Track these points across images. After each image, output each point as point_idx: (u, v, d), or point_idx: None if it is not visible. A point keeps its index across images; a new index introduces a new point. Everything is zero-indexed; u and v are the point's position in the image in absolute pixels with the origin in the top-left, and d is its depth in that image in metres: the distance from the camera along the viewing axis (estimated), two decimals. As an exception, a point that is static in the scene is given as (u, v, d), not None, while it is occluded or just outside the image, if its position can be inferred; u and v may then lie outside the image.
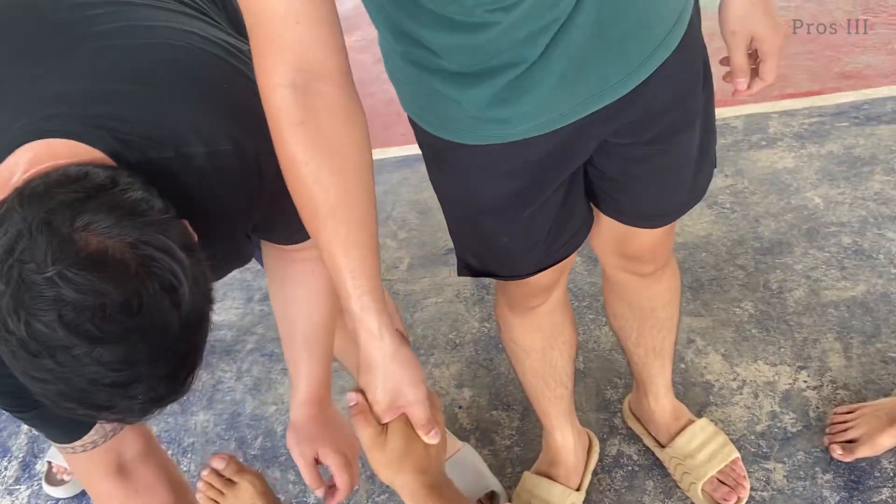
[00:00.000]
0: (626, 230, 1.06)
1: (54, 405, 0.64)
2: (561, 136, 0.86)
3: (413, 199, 2.18)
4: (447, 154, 0.92)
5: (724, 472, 1.31)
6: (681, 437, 1.35)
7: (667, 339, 1.29)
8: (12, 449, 1.78)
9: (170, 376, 0.66)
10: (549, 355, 1.26)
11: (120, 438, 0.92)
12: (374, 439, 0.78)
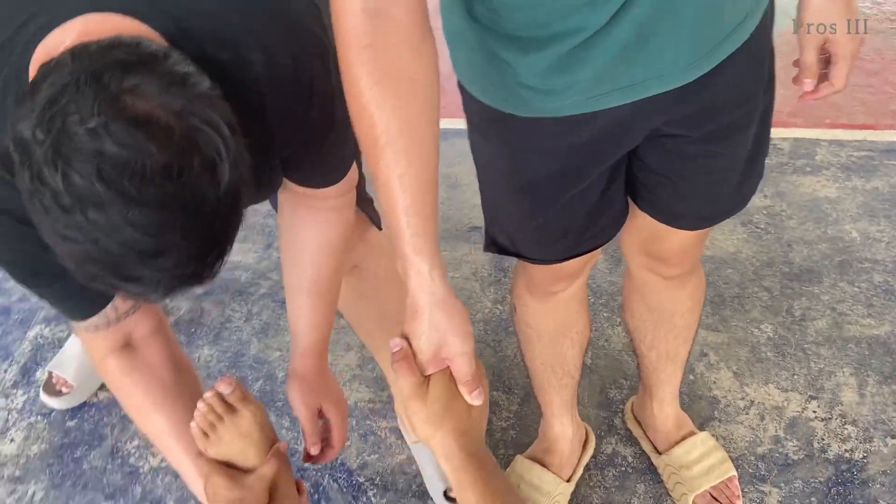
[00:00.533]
0: (658, 229, 1.03)
1: (79, 269, 0.62)
2: (613, 119, 0.83)
3: (443, 172, 2.13)
4: (496, 124, 0.89)
5: (719, 488, 1.29)
6: (680, 447, 1.33)
7: (681, 346, 1.27)
8: (15, 354, 1.79)
9: (199, 255, 0.64)
10: (561, 343, 1.24)
11: (132, 319, 0.92)
12: (415, 389, 0.75)
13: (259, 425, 0.92)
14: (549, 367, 1.26)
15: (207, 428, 0.90)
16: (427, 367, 0.76)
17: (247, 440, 0.91)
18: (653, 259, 1.10)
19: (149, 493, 1.46)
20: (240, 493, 0.88)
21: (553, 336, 1.22)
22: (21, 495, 1.49)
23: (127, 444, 1.55)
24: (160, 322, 0.97)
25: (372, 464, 1.46)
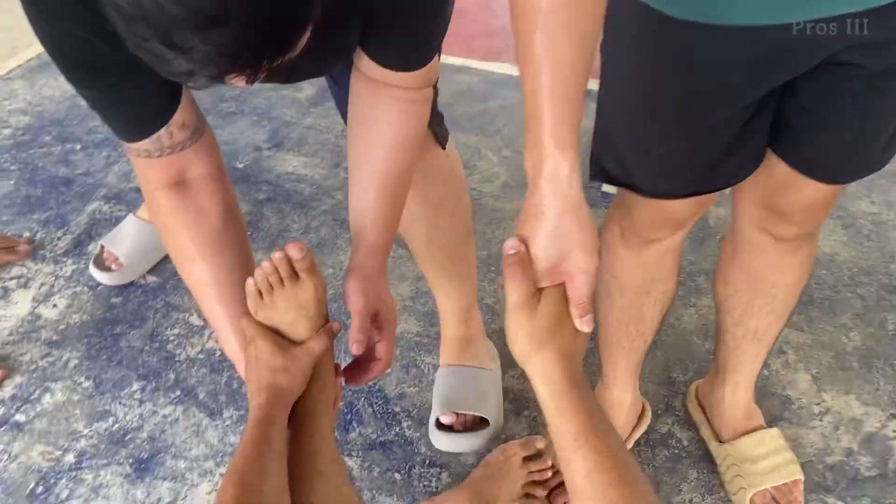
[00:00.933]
0: (787, 179, 0.92)
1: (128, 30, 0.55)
2: (788, 36, 0.72)
3: (529, 123, 2.06)
4: (647, 30, 0.78)
5: (781, 489, 1.18)
6: (747, 439, 1.22)
7: (772, 325, 1.14)
8: (71, 224, 1.77)
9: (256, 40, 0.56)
10: (643, 301, 1.14)
11: (189, 156, 0.85)
12: (525, 300, 0.67)
13: (318, 301, 0.84)
14: (623, 325, 1.17)
15: (265, 289, 0.83)
16: (541, 278, 0.68)
17: (301, 312, 0.84)
18: (771, 214, 0.98)
19: (181, 381, 1.42)
20: (283, 363, 0.81)
21: (637, 292, 1.12)
22: (55, 360, 1.46)
23: (167, 331, 1.52)
24: (218, 166, 0.90)
25: (410, 395, 1.39)
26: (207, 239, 0.88)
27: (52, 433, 1.34)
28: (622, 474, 0.63)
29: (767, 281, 1.08)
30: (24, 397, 1.40)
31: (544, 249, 0.67)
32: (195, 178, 0.88)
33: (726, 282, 1.14)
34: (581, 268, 0.67)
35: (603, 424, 0.67)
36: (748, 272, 1.09)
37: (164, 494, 1.25)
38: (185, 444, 1.32)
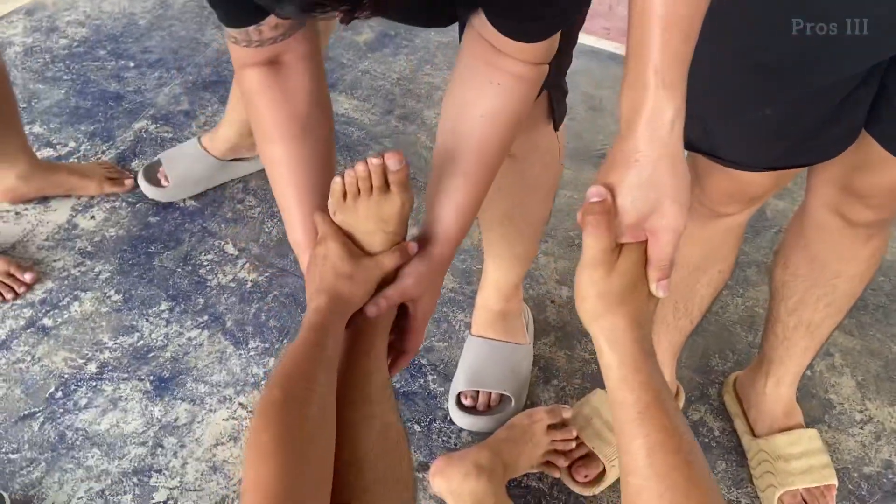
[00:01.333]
0: (874, 157, 0.85)
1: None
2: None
3: (589, 93, 1.99)
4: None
5: (813, 492, 1.13)
6: (784, 436, 1.17)
7: (828, 320, 1.08)
8: (117, 139, 1.76)
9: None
10: (697, 279, 1.09)
11: (281, 45, 0.81)
12: (605, 255, 0.62)
13: (401, 217, 0.79)
14: (672, 301, 1.12)
15: (351, 193, 0.77)
16: (624, 233, 0.62)
17: (381, 225, 0.79)
18: (849, 195, 0.92)
19: (210, 306, 1.40)
20: (350, 269, 0.76)
21: (693, 268, 1.07)
22: (87, 270, 1.46)
23: (201, 256, 1.50)
24: (314, 51, 0.85)
25: (438, 350, 1.36)
26: (291, 122, 0.83)
27: (77, 341, 1.33)
28: (688, 458, 0.58)
29: (831, 269, 1.02)
30: (54, 303, 1.39)
31: (633, 201, 0.61)
32: (288, 59, 0.83)
33: (786, 266, 1.08)
34: (670, 224, 0.61)
35: (671, 402, 0.61)
36: (812, 258, 1.03)
37: (181, 415, 1.24)
38: (208, 369, 1.30)
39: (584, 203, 0.63)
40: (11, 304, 1.38)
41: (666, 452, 0.58)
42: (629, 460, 0.60)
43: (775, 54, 0.76)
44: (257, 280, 1.46)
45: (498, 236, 1.21)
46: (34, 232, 1.52)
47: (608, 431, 1.18)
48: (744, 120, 0.83)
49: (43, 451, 1.18)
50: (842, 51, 0.73)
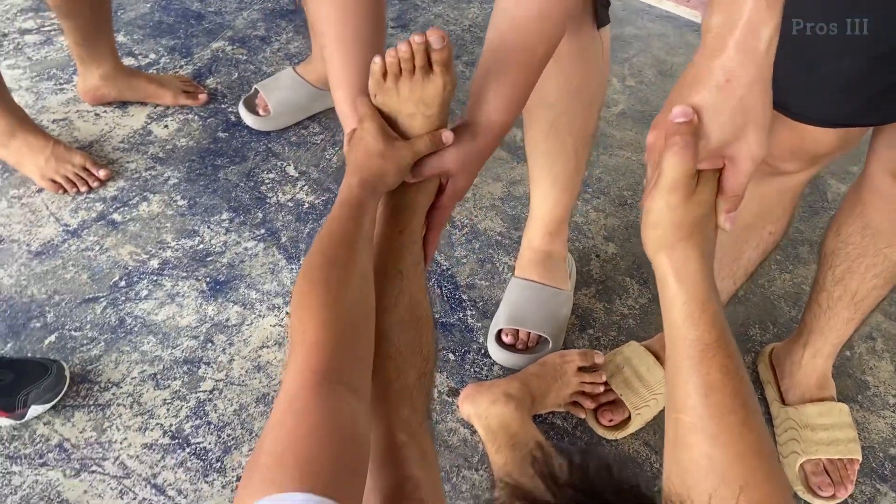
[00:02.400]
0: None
1: None
2: None
3: (660, 57, 1.97)
4: None
5: (836, 464, 1.14)
6: (814, 406, 1.18)
7: (874, 292, 1.07)
8: (194, 56, 1.82)
9: None
10: (747, 238, 1.09)
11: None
12: (686, 180, 0.58)
13: (442, 100, 0.77)
14: (718, 259, 1.11)
15: (392, 73, 0.75)
16: (703, 158, 0.59)
17: (421, 108, 0.77)
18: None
19: (267, 221, 1.47)
20: (382, 148, 0.76)
21: (743, 227, 1.07)
22: (157, 174, 1.53)
23: (263, 174, 1.56)
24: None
25: (479, 288, 1.40)
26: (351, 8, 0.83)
27: (143, 238, 1.41)
28: (746, 402, 0.57)
29: (884, 238, 1.01)
30: (124, 200, 1.47)
31: (721, 125, 0.58)
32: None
33: (839, 233, 1.07)
34: (752, 152, 0.59)
35: (733, 344, 0.60)
36: (866, 224, 1.02)
37: (232, 316, 1.30)
38: (260, 278, 1.37)
39: (668, 122, 0.60)
40: (85, 197, 1.47)
41: (724, 394, 0.57)
42: (683, 397, 0.58)
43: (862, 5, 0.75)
44: (314, 202, 1.51)
45: (541, 156, 1.20)
46: (111, 133, 1.60)
47: (637, 381, 1.21)
48: (820, 71, 0.82)
49: (103, 332, 1.26)
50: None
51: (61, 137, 1.56)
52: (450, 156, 0.80)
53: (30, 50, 1.77)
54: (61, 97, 1.66)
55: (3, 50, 1.74)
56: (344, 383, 0.57)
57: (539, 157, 1.22)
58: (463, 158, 0.81)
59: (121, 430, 1.14)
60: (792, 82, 0.85)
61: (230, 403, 1.19)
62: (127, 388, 1.19)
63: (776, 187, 1.01)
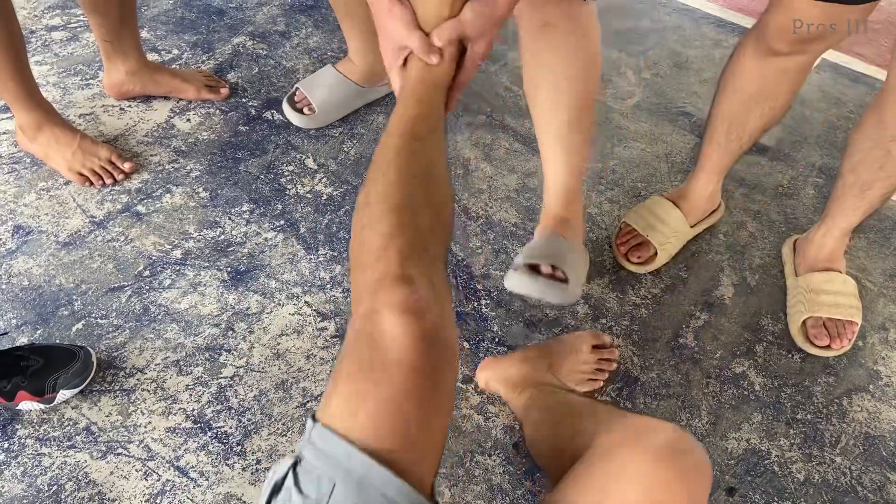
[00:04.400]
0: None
1: None
2: None
3: (677, 50, 1.98)
4: None
5: (836, 322, 1.30)
6: (820, 274, 1.35)
7: (879, 183, 1.21)
8: (216, 51, 1.86)
9: None
10: (751, 109, 1.22)
11: None
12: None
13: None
14: (727, 122, 1.27)
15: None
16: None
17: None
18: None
19: (286, 212, 1.50)
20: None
21: (747, 99, 1.21)
22: (180, 167, 1.57)
23: (283, 166, 1.59)
24: None
25: (494, 278, 1.42)
26: None
27: (166, 229, 1.45)
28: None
29: (889, 132, 1.14)
30: (148, 192, 1.51)
31: None
32: None
33: (860, 127, 1.21)
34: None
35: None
36: (878, 118, 1.16)
37: (252, 304, 1.34)
38: (280, 268, 1.40)
39: None
40: (110, 189, 1.51)
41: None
42: None
43: None
44: (332, 194, 1.54)
45: (549, 122, 1.24)
46: (135, 128, 1.64)
47: (660, 223, 1.44)
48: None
49: (128, 320, 1.30)
50: None
51: (87, 131, 1.60)
52: (467, 18, 0.83)
53: (56, 46, 1.82)
54: (87, 92, 1.71)
55: (31, 46, 1.79)
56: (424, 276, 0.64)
57: (546, 129, 1.25)
58: (481, 21, 0.84)
59: (145, 415, 1.19)
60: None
61: (250, 389, 1.22)
62: (151, 374, 1.24)
63: (774, 68, 1.14)
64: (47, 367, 1.16)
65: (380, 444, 0.58)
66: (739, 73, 1.19)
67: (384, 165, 0.72)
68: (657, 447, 0.63)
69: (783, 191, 1.62)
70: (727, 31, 2.06)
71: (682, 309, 1.38)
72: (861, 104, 1.85)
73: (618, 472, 0.64)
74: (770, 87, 1.18)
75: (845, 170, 1.26)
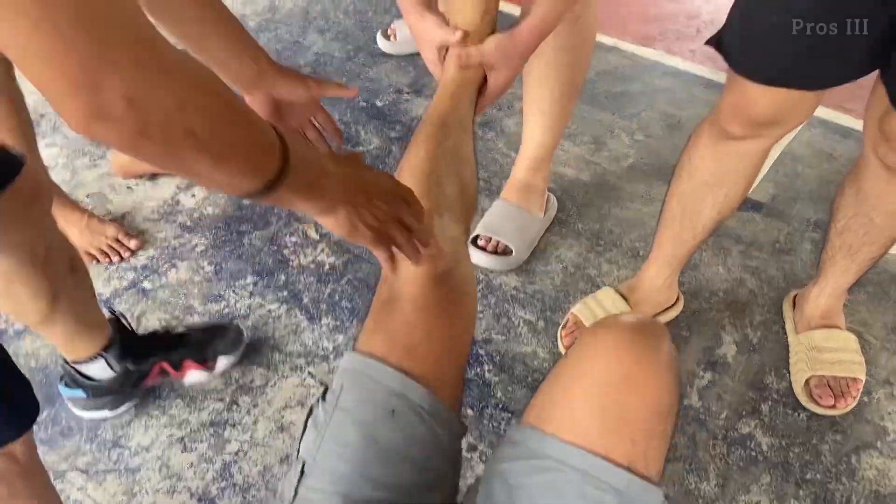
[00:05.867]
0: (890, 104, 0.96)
1: None
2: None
3: (667, 112, 2.03)
4: None
5: (839, 380, 1.29)
6: (819, 332, 1.35)
7: (866, 247, 1.22)
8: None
9: None
10: (704, 196, 1.21)
11: None
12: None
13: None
14: (680, 210, 1.25)
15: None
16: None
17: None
18: (881, 135, 1.03)
19: (290, 283, 1.52)
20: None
21: (703, 183, 1.19)
22: (185, 242, 1.60)
23: (286, 238, 1.62)
24: None
25: (497, 343, 1.43)
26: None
27: (171, 304, 1.47)
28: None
29: (869, 202, 1.15)
30: (154, 268, 1.54)
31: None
32: None
33: (843, 193, 1.22)
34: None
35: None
36: (858, 187, 1.17)
37: (256, 378, 1.35)
38: (283, 340, 1.42)
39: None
40: (117, 267, 1.54)
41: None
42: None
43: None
44: (334, 263, 1.57)
45: (534, 99, 1.47)
46: (142, 205, 1.68)
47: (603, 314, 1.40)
48: (757, 27, 0.94)
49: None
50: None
51: (96, 210, 1.65)
52: (489, 49, 0.93)
53: (66, 128, 1.88)
54: (95, 172, 1.76)
55: (41, 130, 1.85)
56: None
57: (531, 103, 1.47)
58: (502, 51, 0.94)
59: (150, 494, 1.18)
60: (738, 35, 0.98)
61: (255, 464, 1.22)
62: (156, 452, 1.24)
63: (730, 151, 1.13)
64: (207, 339, 1.31)
65: (391, 357, 0.72)
66: (695, 155, 1.18)
67: (416, 145, 0.85)
68: (627, 324, 0.67)
69: (780, 247, 1.64)
70: (716, 91, 2.11)
71: (686, 369, 1.39)
72: (852, 158, 1.88)
73: (590, 351, 0.67)
74: (725, 171, 1.15)
75: (832, 234, 1.27)
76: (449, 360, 0.76)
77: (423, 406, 0.71)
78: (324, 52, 2.21)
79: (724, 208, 1.21)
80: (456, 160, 0.86)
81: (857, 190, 1.17)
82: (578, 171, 1.83)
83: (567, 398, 0.66)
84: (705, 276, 1.57)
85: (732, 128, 1.08)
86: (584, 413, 0.64)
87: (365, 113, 1.98)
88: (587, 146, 1.90)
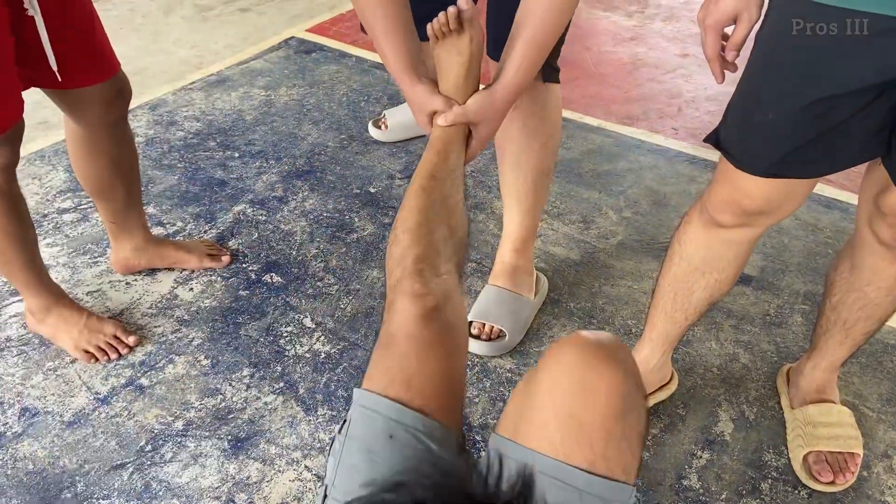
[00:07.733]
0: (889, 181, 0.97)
1: None
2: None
3: (653, 188, 2.08)
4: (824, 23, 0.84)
5: (837, 456, 1.29)
6: (814, 407, 1.35)
7: (861, 322, 1.22)
8: (217, 221, 1.96)
9: None
10: (695, 279, 1.22)
11: None
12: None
13: (471, 52, 1.05)
14: (672, 292, 1.26)
15: (438, 34, 1.06)
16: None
17: (457, 58, 1.05)
18: (876, 211, 1.05)
19: (286, 374, 1.53)
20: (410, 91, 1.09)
21: (694, 267, 1.21)
22: (182, 336, 1.62)
23: (282, 328, 1.64)
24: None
25: (492, 427, 1.43)
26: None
27: (168, 400, 1.48)
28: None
29: (864, 277, 1.16)
30: (151, 364, 1.56)
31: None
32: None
33: (836, 268, 1.24)
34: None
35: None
36: (852, 264, 1.18)
37: (252, 473, 1.35)
38: (279, 433, 1.42)
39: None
40: (115, 364, 1.56)
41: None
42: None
43: (787, 60, 0.89)
44: (330, 352, 1.58)
45: (510, 186, 1.54)
46: (140, 300, 1.71)
47: None
48: (751, 122, 0.97)
49: (129, 498, 1.31)
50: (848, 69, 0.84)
51: (94, 307, 1.67)
52: (472, 106, 1.05)
53: (67, 228, 1.93)
54: (95, 269, 1.79)
55: (42, 230, 1.90)
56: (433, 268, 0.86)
57: (508, 189, 1.55)
58: (483, 109, 1.06)
59: None
60: (735, 131, 1.01)
61: (251, 564, 1.21)
62: (151, 555, 1.22)
63: (719, 239, 1.15)
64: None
65: (389, 391, 0.77)
66: (686, 240, 1.20)
67: (408, 198, 0.94)
68: (584, 337, 0.74)
69: (771, 320, 1.66)
70: (700, 167, 2.18)
71: (683, 448, 1.38)
72: (837, 229, 1.92)
73: (552, 362, 0.73)
74: (714, 257, 1.17)
75: (826, 308, 1.27)
76: (447, 388, 0.82)
77: (419, 428, 0.77)
78: (318, 142, 2.28)
79: (716, 292, 1.23)
80: (445, 209, 0.95)
81: (852, 266, 1.18)
82: (568, 249, 1.86)
83: (531, 407, 0.73)
84: (698, 352, 1.58)
85: (723, 218, 1.10)
86: (546, 421, 0.70)
87: (359, 200, 2.04)
88: (576, 225, 1.94)
